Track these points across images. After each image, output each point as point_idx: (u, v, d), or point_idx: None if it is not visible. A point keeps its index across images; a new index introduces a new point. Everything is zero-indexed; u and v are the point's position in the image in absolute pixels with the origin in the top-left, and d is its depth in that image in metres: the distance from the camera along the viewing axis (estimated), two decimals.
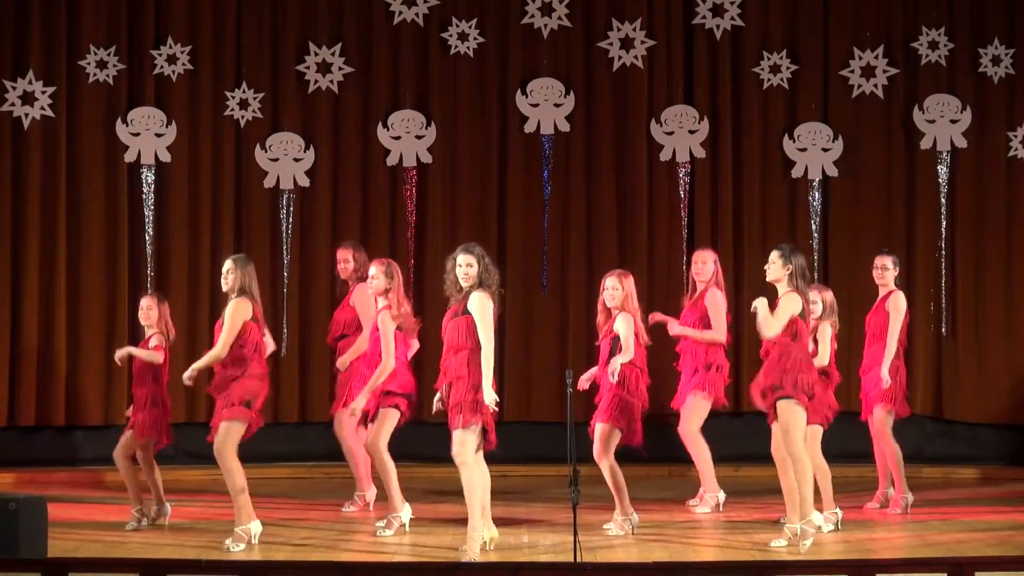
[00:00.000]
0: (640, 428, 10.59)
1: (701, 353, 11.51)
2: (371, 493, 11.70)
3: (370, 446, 10.74)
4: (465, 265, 9.59)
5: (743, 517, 11.34)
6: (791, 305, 9.82)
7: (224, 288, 10.18)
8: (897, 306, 11.45)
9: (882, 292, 11.58)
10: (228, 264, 10.20)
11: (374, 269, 10.77)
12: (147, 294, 11.40)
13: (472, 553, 9.51)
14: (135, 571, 8.94)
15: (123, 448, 10.90)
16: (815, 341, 10.68)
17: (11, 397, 14.03)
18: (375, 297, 10.81)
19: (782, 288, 9.87)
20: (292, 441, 14.05)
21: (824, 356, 10.81)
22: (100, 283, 14.18)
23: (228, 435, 10.02)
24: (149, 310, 11.01)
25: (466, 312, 9.52)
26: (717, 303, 11.56)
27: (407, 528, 10.59)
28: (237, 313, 10.05)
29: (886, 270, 11.54)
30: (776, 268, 9.87)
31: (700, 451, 11.50)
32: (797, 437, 9.78)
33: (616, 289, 10.56)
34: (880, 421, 11.41)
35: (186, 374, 10.13)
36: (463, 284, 9.60)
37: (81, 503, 12.10)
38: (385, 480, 10.73)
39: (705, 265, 11.67)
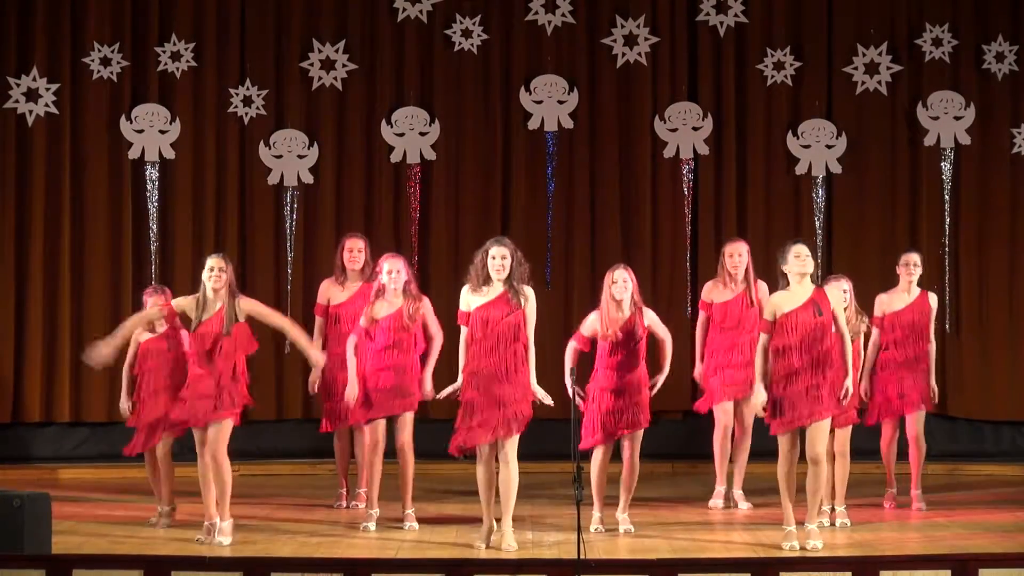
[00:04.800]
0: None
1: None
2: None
3: (406, 446, 10.77)
4: (500, 257, 9.76)
5: (747, 515, 11.34)
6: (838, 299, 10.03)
7: (214, 285, 9.87)
8: (935, 308, 11.54)
9: (914, 291, 11.48)
10: (219, 261, 9.94)
11: (397, 265, 10.70)
12: (153, 291, 11.08)
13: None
14: (138, 568, 8.96)
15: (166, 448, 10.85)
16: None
17: (16, 393, 14.05)
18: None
19: (808, 282, 9.82)
20: (295, 438, 14.06)
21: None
22: (104, 279, 14.19)
23: (227, 433, 9.99)
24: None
25: (516, 308, 9.78)
26: (767, 294, 11.50)
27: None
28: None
29: (917, 267, 11.50)
30: (811, 263, 9.87)
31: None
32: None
33: (627, 282, 10.51)
34: (921, 421, 11.45)
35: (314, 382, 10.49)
36: (495, 276, 9.77)
37: (85, 500, 12.10)
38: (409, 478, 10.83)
39: (742, 257, 11.59)
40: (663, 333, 10.60)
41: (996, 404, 14.23)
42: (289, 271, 14.32)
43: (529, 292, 9.89)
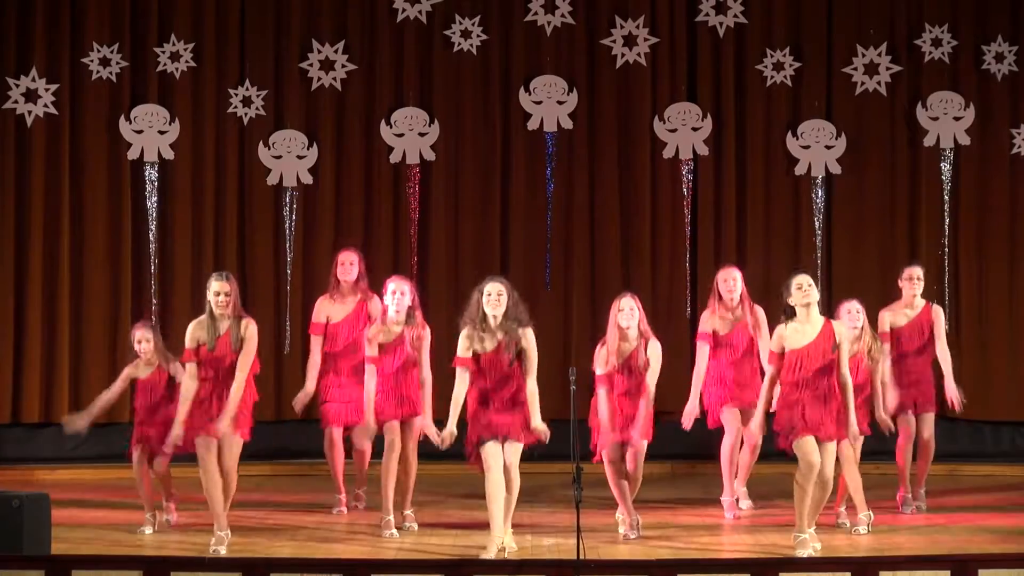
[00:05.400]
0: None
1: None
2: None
3: (411, 454, 10.86)
4: (495, 293, 9.72)
5: (748, 517, 11.34)
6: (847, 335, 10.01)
7: (220, 311, 9.92)
8: (941, 318, 11.65)
9: (918, 304, 11.56)
10: (224, 286, 9.94)
11: (403, 287, 10.72)
12: (142, 325, 11.20)
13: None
14: (138, 568, 8.96)
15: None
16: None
17: (15, 394, 14.04)
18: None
19: (816, 314, 9.78)
20: (295, 439, 14.04)
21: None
22: (103, 280, 14.19)
23: (238, 452, 10.03)
24: (147, 343, 10.89)
25: (515, 356, 9.77)
26: (764, 320, 11.48)
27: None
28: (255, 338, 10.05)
29: (920, 280, 11.56)
30: (815, 292, 9.80)
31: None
32: None
33: (633, 310, 10.36)
34: (931, 423, 11.58)
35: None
36: (490, 312, 9.72)
37: (85, 500, 12.10)
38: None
39: (736, 282, 11.44)
40: (655, 365, 10.33)
41: (996, 404, 14.22)
42: (288, 272, 14.31)
43: (528, 334, 9.82)
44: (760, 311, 11.51)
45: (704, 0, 14.41)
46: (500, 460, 9.71)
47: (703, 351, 11.38)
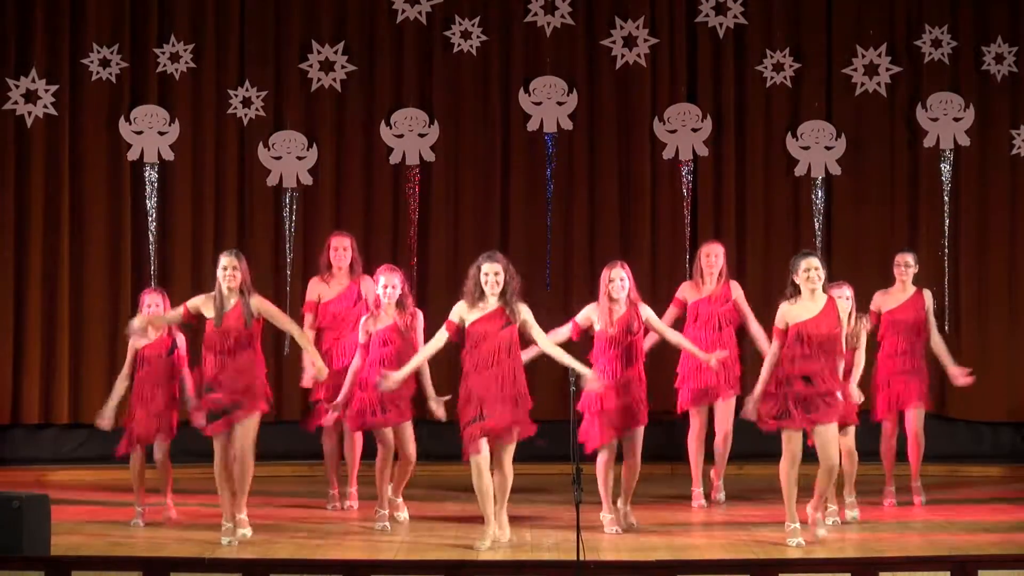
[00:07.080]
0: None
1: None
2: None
3: (412, 458, 10.95)
4: (493, 274, 9.89)
5: (746, 515, 11.34)
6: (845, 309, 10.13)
7: (229, 284, 10.07)
8: (929, 300, 11.79)
9: (908, 291, 11.73)
10: (232, 260, 10.10)
11: (394, 280, 10.75)
12: (151, 291, 11.26)
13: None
14: (138, 569, 8.96)
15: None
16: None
17: (15, 395, 14.04)
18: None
19: (820, 292, 9.92)
20: (294, 439, 14.04)
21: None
22: (103, 281, 14.19)
23: (254, 430, 10.08)
24: (157, 307, 10.96)
25: (511, 322, 9.89)
26: (742, 294, 11.85)
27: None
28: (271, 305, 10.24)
29: (909, 267, 11.72)
30: (822, 274, 9.91)
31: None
32: None
33: (624, 280, 10.56)
34: (920, 418, 11.68)
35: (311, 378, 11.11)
36: (489, 292, 9.88)
37: (84, 501, 12.10)
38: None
39: (718, 258, 11.75)
40: (669, 334, 10.82)
41: (995, 405, 14.22)
42: (288, 273, 14.31)
43: (522, 307, 9.99)
44: (735, 285, 11.82)
45: (704, 1, 14.42)
46: (487, 463, 9.85)
47: (669, 312, 11.75)
